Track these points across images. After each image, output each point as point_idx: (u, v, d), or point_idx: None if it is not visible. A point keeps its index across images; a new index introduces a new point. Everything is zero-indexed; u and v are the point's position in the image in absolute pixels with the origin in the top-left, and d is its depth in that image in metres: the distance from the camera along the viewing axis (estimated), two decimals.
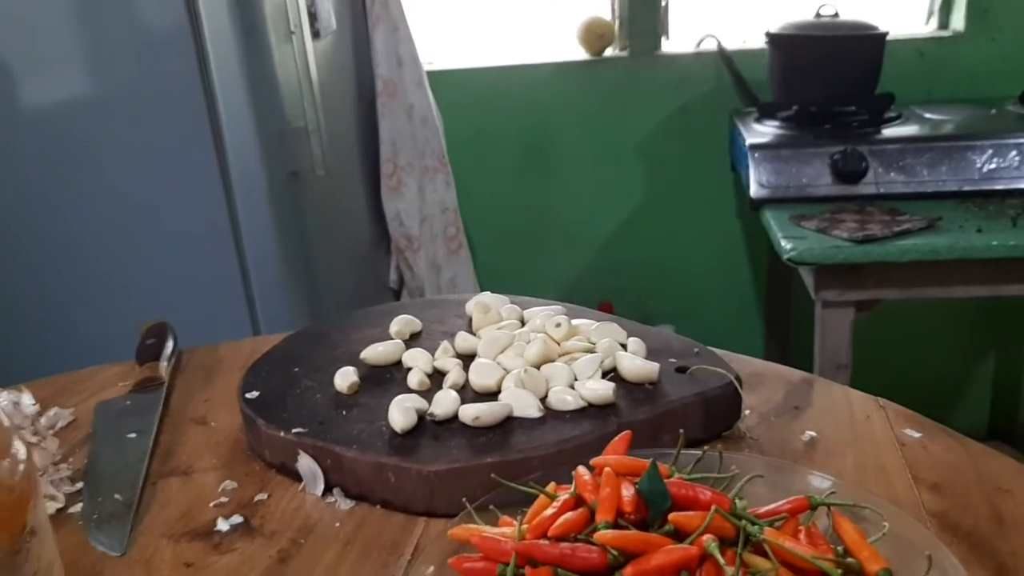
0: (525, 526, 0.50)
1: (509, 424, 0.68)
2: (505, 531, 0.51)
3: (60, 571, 0.44)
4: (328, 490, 0.68)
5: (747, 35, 2.28)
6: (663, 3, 2.29)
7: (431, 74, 2.14)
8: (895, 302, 1.79)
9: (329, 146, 1.60)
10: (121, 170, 1.41)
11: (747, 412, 0.74)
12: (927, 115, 2.05)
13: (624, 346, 0.77)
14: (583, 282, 2.46)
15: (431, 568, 0.51)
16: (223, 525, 0.65)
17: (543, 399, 0.70)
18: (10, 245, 1.44)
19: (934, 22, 2.28)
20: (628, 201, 2.39)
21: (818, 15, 2.05)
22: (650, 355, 0.76)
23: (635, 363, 0.73)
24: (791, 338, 2.45)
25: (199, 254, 1.45)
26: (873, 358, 1.99)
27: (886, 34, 2.01)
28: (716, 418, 0.72)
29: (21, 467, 0.41)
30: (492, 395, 0.71)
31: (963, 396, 2.50)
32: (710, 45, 2.26)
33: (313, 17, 1.61)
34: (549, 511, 0.51)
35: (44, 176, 1.41)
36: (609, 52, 2.32)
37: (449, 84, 2.24)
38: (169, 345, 0.92)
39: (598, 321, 0.81)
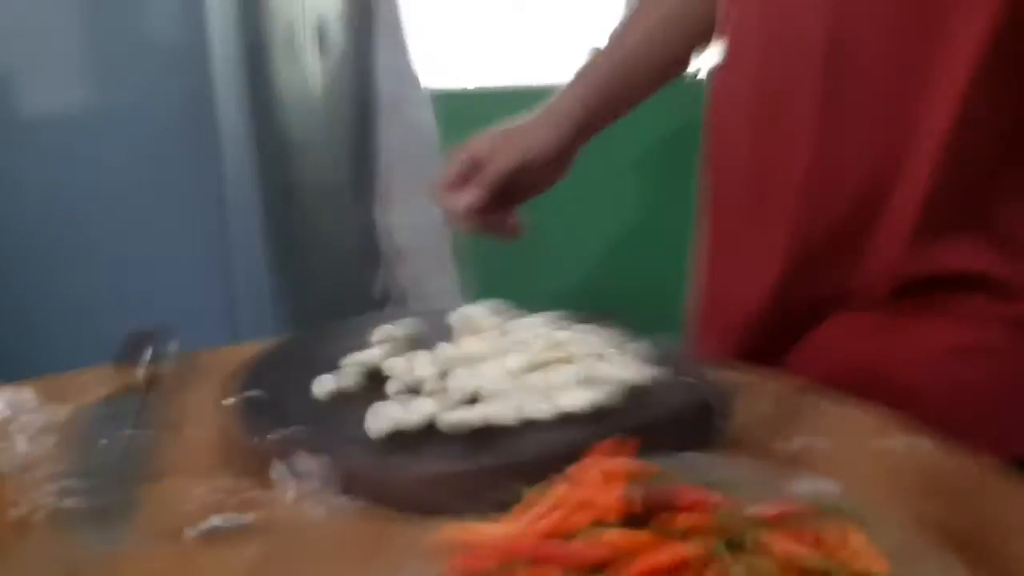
0: (517, 526, 0.49)
1: (491, 431, 0.67)
2: (497, 532, 0.50)
3: (47, 571, 0.43)
4: (318, 492, 0.67)
5: None
6: None
7: (433, 92, 2.13)
8: None
9: (326, 159, 1.60)
10: (114, 176, 1.41)
11: (739, 420, 0.74)
12: None
13: (613, 355, 0.76)
14: (579, 293, 2.45)
15: (423, 569, 0.51)
16: (212, 525, 0.64)
17: (529, 406, 0.69)
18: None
19: None
20: (628, 213, 2.38)
21: None
22: (640, 364, 0.75)
23: (624, 372, 0.72)
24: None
25: (186, 262, 1.45)
26: None
27: None
28: (707, 426, 0.71)
29: (8, 466, 0.40)
30: (474, 403, 0.71)
31: None
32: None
33: (318, 32, 1.61)
34: (541, 511, 0.50)
35: (39, 181, 1.41)
36: None
37: (451, 105, 2.23)
38: (152, 350, 0.92)
39: (587, 330, 0.81)
